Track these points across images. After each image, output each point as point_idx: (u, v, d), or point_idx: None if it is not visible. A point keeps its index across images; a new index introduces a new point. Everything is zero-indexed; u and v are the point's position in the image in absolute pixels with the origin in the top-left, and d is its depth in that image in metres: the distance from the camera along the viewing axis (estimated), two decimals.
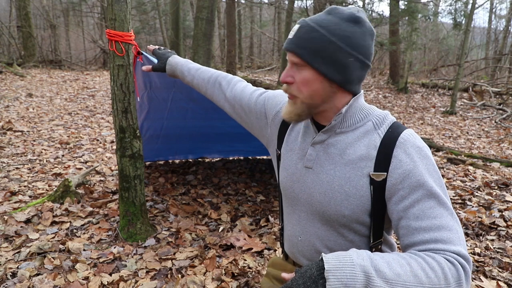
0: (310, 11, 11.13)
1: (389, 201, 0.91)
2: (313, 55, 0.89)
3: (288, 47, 0.93)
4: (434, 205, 0.84)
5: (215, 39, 15.16)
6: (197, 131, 3.77)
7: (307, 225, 1.03)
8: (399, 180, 0.88)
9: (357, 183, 0.92)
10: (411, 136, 0.92)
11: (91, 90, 9.50)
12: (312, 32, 0.89)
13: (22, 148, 4.72)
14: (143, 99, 3.13)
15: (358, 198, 0.92)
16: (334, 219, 0.97)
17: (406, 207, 0.87)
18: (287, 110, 0.98)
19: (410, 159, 0.88)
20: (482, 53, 19.73)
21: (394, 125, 0.95)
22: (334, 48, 0.88)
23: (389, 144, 0.91)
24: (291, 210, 1.09)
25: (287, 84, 0.97)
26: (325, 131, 0.98)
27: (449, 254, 0.80)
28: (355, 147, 0.94)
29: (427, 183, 0.86)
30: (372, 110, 0.99)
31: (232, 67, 10.90)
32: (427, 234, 0.83)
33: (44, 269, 2.11)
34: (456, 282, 0.77)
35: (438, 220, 0.83)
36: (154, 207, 3.12)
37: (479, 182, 3.94)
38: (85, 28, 19.27)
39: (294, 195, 1.05)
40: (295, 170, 1.04)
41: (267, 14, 25.27)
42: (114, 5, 2.18)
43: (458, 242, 0.82)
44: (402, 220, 0.87)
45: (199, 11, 9.00)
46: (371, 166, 0.92)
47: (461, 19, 11.96)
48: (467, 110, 9.93)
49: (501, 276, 2.17)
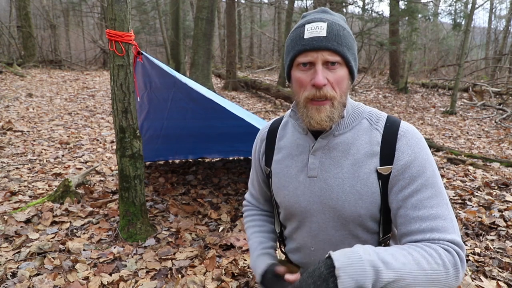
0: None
1: (390, 192, 0.93)
2: (348, 53, 0.89)
3: (327, 45, 0.86)
4: (431, 195, 0.88)
5: (215, 39, 15.16)
6: (197, 131, 3.77)
7: (319, 235, 1.02)
8: (401, 171, 0.91)
9: (367, 180, 0.93)
10: (409, 127, 0.95)
11: (91, 90, 9.50)
12: (343, 30, 0.90)
13: (22, 148, 4.72)
14: (143, 99, 3.13)
15: (370, 195, 0.93)
16: (350, 221, 0.96)
17: (405, 197, 0.90)
18: (323, 115, 0.89)
19: (412, 150, 0.91)
20: (482, 53, 19.74)
21: (389, 119, 0.97)
22: (355, 45, 0.93)
23: (391, 137, 0.93)
24: (298, 225, 1.06)
25: (316, 87, 0.88)
26: (325, 136, 0.96)
27: (444, 243, 0.84)
28: (357, 145, 0.95)
29: (426, 173, 0.89)
30: (362, 107, 1.01)
31: (232, 67, 10.90)
32: (424, 224, 0.86)
33: (44, 269, 2.11)
34: (453, 267, 0.81)
35: (435, 209, 0.87)
36: (154, 207, 3.12)
37: (479, 182, 3.94)
38: (85, 28, 19.28)
39: (302, 209, 1.01)
40: (297, 184, 1.01)
41: (267, 14, 25.27)
42: (114, 5, 2.18)
43: (452, 230, 0.86)
44: (401, 209, 0.90)
45: (199, 11, 9.00)
46: (377, 161, 0.93)
47: (460, 19, 11.96)
48: (467, 110, 9.93)
49: (501, 276, 2.16)
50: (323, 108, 0.89)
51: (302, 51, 0.88)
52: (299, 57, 0.89)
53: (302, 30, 0.90)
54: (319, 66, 0.87)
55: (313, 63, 0.88)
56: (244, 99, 9.67)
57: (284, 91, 9.15)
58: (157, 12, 14.92)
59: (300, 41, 0.89)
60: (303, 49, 0.88)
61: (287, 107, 8.86)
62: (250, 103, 9.23)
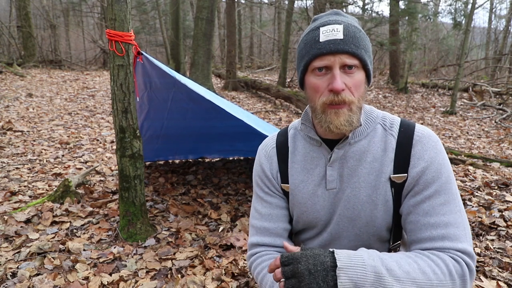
0: (310, 11, 11.12)
1: (403, 198, 0.91)
2: (366, 55, 0.86)
3: (345, 48, 0.82)
4: (444, 201, 0.85)
5: (215, 39, 15.16)
6: (197, 131, 3.77)
7: (331, 245, 1.00)
8: (416, 178, 0.88)
9: (381, 189, 0.91)
10: (424, 130, 0.92)
11: (91, 90, 9.50)
12: (359, 32, 0.86)
13: (22, 148, 4.72)
14: (143, 99, 3.13)
15: (384, 204, 0.92)
16: (365, 231, 0.95)
17: (417, 202, 0.87)
18: (342, 119, 0.85)
19: (428, 155, 0.88)
20: (482, 53, 19.74)
21: (403, 123, 0.94)
22: (370, 47, 0.90)
23: (406, 143, 0.90)
24: (312, 235, 1.04)
25: (334, 92, 0.83)
26: (341, 146, 0.93)
27: (454, 252, 0.81)
28: (373, 153, 0.92)
29: (441, 179, 0.86)
30: (375, 112, 0.97)
31: (232, 67, 10.90)
32: (435, 231, 0.83)
33: (44, 269, 2.11)
34: (461, 278, 0.79)
35: (447, 217, 0.84)
36: (154, 207, 3.12)
37: (479, 182, 3.94)
38: (85, 28, 19.28)
39: (322, 222, 0.99)
40: (316, 200, 0.97)
41: (267, 14, 25.27)
42: (114, 5, 2.18)
43: (464, 239, 0.82)
44: (411, 215, 0.88)
45: (199, 11, 9.00)
46: (391, 169, 0.91)
47: (461, 19, 11.96)
48: (467, 110, 9.93)
49: (501, 276, 2.16)
50: (341, 112, 0.85)
51: (318, 55, 0.83)
52: (315, 61, 0.85)
53: (317, 33, 0.85)
54: (336, 70, 0.83)
55: (329, 68, 0.84)
56: (244, 99, 9.67)
57: (284, 91, 9.15)
58: (157, 12, 14.92)
59: (315, 45, 0.84)
60: (319, 53, 0.83)
61: (287, 107, 8.86)
62: (250, 103, 9.23)
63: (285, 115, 8.02)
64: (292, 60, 13.60)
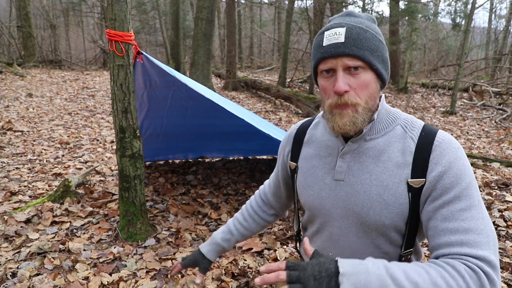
0: (310, 11, 11.13)
1: (422, 203, 0.89)
2: (372, 56, 0.87)
3: (345, 51, 0.85)
4: (465, 207, 0.82)
5: (215, 39, 15.17)
6: (197, 129, 3.77)
7: (340, 240, 1.00)
8: (433, 183, 0.86)
9: (395, 190, 0.90)
10: (446, 136, 0.90)
11: (91, 90, 9.50)
12: (365, 32, 0.87)
13: (22, 148, 4.72)
14: (143, 97, 3.13)
15: (397, 206, 0.90)
16: (373, 229, 0.94)
17: (436, 208, 0.85)
18: (345, 120, 0.88)
19: (446, 160, 0.86)
20: (482, 53, 19.75)
21: (425, 128, 0.93)
22: (382, 46, 0.90)
23: (425, 148, 0.89)
24: (319, 228, 1.05)
25: (337, 94, 0.87)
26: (355, 140, 0.94)
27: (472, 260, 0.76)
28: (389, 153, 0.92)
29: (461, 184, 0.84)
30: (398, 113, 0.97)
31: (232, 67, 10.90)
32: (453, 236, 0.80)
33: (44, 269, 2.11)
34: None
35: (467, 222, 0.80)
36: (154, 207, 3.12)
37: (479, 182, 3.94)
38: (85, 28, 19.28)
39: (325, 211, 1.00)
40: (323, 186, 1.00)
41: (267, 14, 25.28)
42: (114, 5, 2.18)
43: (486, 246, 0.78)
44: (431, 221, 0.86)
45: (199, 11, 9.00)
46: (408, 173, 0.89)
47: (460, 19, 11.97)
48: (467, 110, 9.93)
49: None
50: (345, 113, 0.88)
51: (322, 59, 0.88)
52: (320, 65, 0.89)
53: (322, 37, 0.89)
54: (339, 73, 0.86)
55: (334, 70, 0.87)
56: (244, 99, 9.67)
57: (284, 91, 9.15)
58: (157, 12, 14.93)
59: (319, 49, 0.89)
60: (322, 57, 0.88)
61: (287, 107, 8.86)
62: (250, 103, 9.23)
63: (285, 115, 8.03)
64: (292, 60, 13.60)
